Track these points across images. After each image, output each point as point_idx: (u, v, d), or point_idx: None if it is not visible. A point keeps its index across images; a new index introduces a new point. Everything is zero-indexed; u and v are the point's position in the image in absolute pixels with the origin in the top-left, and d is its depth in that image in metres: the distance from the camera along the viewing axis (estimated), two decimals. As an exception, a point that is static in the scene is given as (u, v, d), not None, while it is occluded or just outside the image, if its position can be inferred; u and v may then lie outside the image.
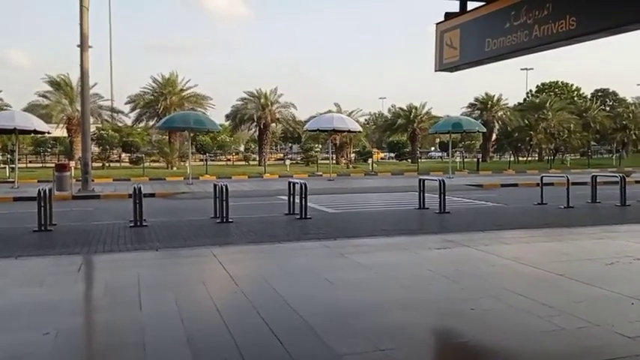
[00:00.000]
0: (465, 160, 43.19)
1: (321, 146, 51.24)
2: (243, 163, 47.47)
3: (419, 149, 51.57)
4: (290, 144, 66.75)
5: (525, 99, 60.67)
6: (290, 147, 66.59)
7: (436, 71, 7.25)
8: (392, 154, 55.89)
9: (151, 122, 41.42)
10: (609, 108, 61.37)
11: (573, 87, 70.94)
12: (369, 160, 39.93)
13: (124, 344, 4.56)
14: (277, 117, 44.44)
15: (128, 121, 43.02)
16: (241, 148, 60.43)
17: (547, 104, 47.82)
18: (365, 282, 6.50)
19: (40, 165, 41.89)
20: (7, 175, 27.70)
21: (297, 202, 12.33)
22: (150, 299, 5.72)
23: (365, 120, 55.92)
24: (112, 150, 42.75)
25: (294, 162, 46.14)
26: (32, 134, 29.30)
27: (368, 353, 4.22)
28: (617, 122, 51.04)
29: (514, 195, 19.57)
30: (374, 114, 70.88)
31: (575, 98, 64.19)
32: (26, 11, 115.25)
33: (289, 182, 13.24)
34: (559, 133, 44.63)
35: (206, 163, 35.38)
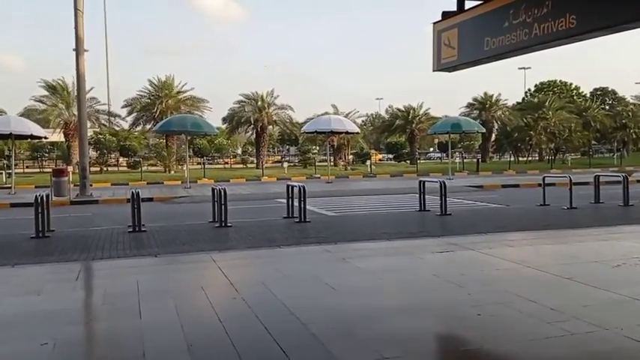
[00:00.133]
0: (465, 161, 43.12)
1: (319, 148, 51.11)
2: (240, 166, 47.42)
3: (417, 150, 51.54)
4: (287, 146, 66.64)
5: (524, 98, 60.75)
6: (287, 149, 66.42)
7: (434, 71, 7.18)
8: (390, 156, 55.76)
9: (148, 126, 41.39)
10: (609, 107, 61.41)
11: (572, 86, 71.09)
12: (368, 162, 39.84)
13: (124, 353, 4.50)
14: (274, 119, 44.38)
15: (125, 125, 43.09)
16: (239, 151, 60.31)
17: (546, 103, 47.84)
18: (367, 287, 6.40)
19: (38, 170, 41.69)
20: (4, 181, 27.54)
21: (295, 205, 12.24)
22: (149, 306, 5.63)
23: (362, 121, 55.88)
24: (110, 154, 42.62)
25: (291, 164, 46.09)
26: (29, 139, 29.26)
27: (373, 362, 4.12)
28: (617, 121, 51.00)
29: (515, 196, 19.49)
30: (371, 115, 70.74)
31: (574, 97, 64.27)
32: (20, 15, 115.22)
33: (288, 185, 13.13)
34: (560, 133, 44.57)
35: (204, 167, 35.32)
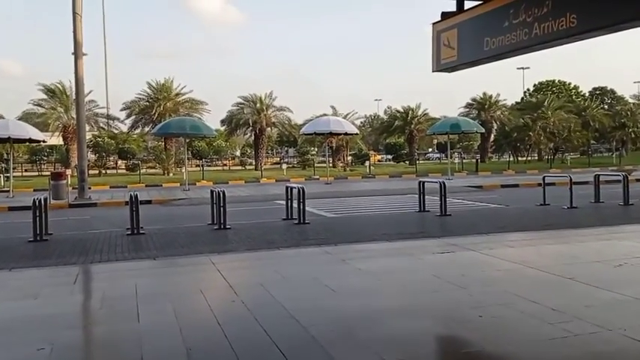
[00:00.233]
0: (464, 161, 43.10)
1: (318, 149, 51.04)
2: (239, 168, 47.38)
3: (416, 151, 51.49)
4: (286, 148, 66.50)
5: (523, 98, 60.71)
6: (286, 151, 66.30)
7: (434, 72, 7.16)
8: (389, 157, 55.69)
9: (147, 128, 41.31)
10: (607, 106, 61.41)
11: (571, 85, 71.06)
12: (367, 163, 39.81)
13: (122, 358, 4.46)
14: (273, 121, 44.33)
15: (124, 128, 43.02)
16: (237, 153, 60.18)
17: (545, 103, 47.84)
18: (368, 289, 6.35)
19: (36, 174, 41.70)
20: (3, 185, 27.53)
21: (295, 207, 12.18)
22: (148, 310, 5.58)
23: (361, 122, 55.86)
24: (109, 157, 42.55)
25: (290, 166, 46.04)
26: (27, 143, 29.26)
27: (374, 365, 4.07)
28: (615, 120, 50.99)
29: (515, 196, 19.46)
30: (369, 116, 70.74)
31: (573, 97, 64.26)
32: (19, 19, 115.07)
33: (287, 187, 13.08)
34: (559, 132, 44.57)
35: (202, 169, 35.32)
